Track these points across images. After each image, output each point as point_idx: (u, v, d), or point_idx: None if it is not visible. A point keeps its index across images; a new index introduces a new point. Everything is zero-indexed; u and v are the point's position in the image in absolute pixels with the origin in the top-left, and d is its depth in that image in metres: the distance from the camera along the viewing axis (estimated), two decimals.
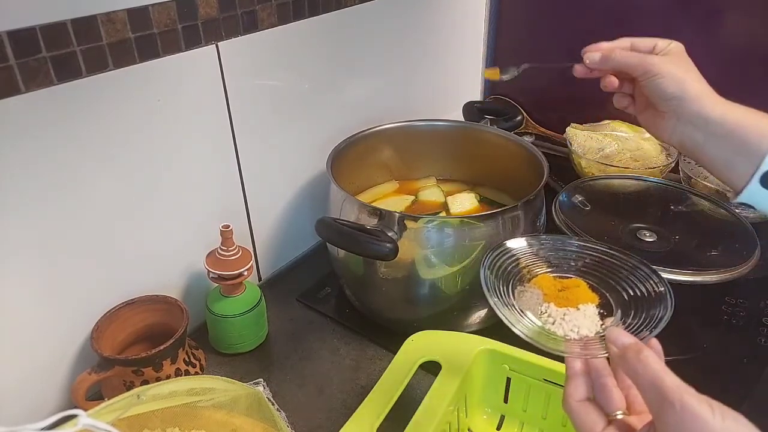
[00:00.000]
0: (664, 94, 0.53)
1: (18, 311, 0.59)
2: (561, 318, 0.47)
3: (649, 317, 0.46)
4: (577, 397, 0.39)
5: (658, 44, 0.56)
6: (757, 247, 0.72)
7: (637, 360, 0.36)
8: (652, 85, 0.53)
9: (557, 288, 0.51)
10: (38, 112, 0.54)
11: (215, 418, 0.53)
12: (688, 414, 0.32)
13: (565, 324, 0.47)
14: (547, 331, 0.46)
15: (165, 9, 0.61)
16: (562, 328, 0.46)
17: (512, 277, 0.52)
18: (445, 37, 1.11)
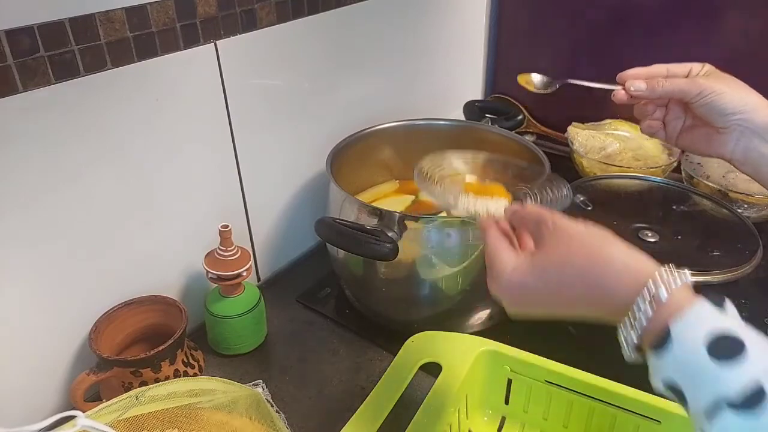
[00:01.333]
0: (725, 110, 0.51)
1: (17, 312, 0.59)
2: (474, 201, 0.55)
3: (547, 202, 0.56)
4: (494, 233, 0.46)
5: (693, 68, 0.55)
6: (760, 247, 0.72)
7: (522, 209, 0.46)
8: (710, 104, 0.52)
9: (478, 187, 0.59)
10: (36, 112, 0.54)
11: (214, 419, 0.53)
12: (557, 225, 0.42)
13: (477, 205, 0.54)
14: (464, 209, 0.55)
15: (163, 8, 0.61)
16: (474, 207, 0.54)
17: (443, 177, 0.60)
18: (445, 35, 1.10)
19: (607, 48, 1.10)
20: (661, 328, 0.34)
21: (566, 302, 0.40)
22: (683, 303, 0.35)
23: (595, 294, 0.38)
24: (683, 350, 0.33)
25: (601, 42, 1.11)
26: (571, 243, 0.40)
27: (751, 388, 0.30)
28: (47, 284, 0.60)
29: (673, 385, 0.34)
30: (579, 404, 0.57)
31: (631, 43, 1.08)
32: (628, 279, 0.37)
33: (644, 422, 0.54)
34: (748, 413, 0.30)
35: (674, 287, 0.35)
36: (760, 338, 0.33)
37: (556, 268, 0.40)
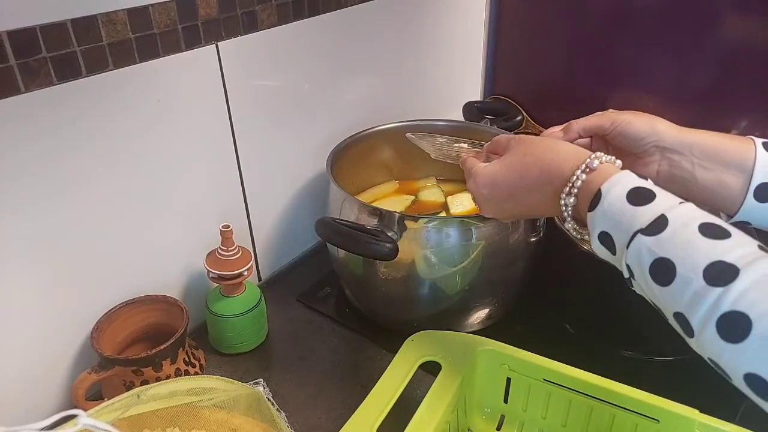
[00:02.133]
0: (638, 135, 0.55)
1: (18, 311, 0.59)
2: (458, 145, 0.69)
3: None
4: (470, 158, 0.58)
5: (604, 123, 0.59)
6: None
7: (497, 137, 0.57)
8: (624, 133, 0.55)
9: None
10: (38, 113, 0.54)
11: (215, 418, 0.53)
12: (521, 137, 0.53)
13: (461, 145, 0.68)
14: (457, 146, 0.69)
15: (165, 9, 0.61)
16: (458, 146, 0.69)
17: None
18: (445, 36, 1.11)
19: (607, 50, 1.10)
20: (594, 189, 0.43)
21: (526, 186, 0.50)
22: (612, 171, 0.44)
23: (547, 174, 0.48)
24: (609, 203, 0.42)
25: (600, 44, 1.12)
26: (530, 142, 0.51)
27: (656, 216, 0.39)
28: (49, 284, 0.61)
29: (604, 235, 0.42)
30: (578, 403, 0.57)
31: (630, 44, 1.09)
32: (573, 158, 0.46)
33: (643, 421, 0.54)
34: (654, 234, 0.39)
35: (605, 160, 0.45)
36: (668, 192, 0.41)
37: (518, 159, 0.51)
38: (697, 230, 0.37)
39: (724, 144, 0.52)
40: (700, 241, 0.37)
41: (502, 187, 0.51)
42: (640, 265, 0.39)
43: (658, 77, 1.06)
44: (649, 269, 0.39)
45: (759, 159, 0.50)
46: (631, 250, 0.40)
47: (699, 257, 0.36)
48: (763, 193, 0.50)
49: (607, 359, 0.62)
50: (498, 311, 0.76)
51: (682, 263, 0.37)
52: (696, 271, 0.36)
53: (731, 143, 0.52)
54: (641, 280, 0.40)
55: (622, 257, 0.41)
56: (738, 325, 0.34)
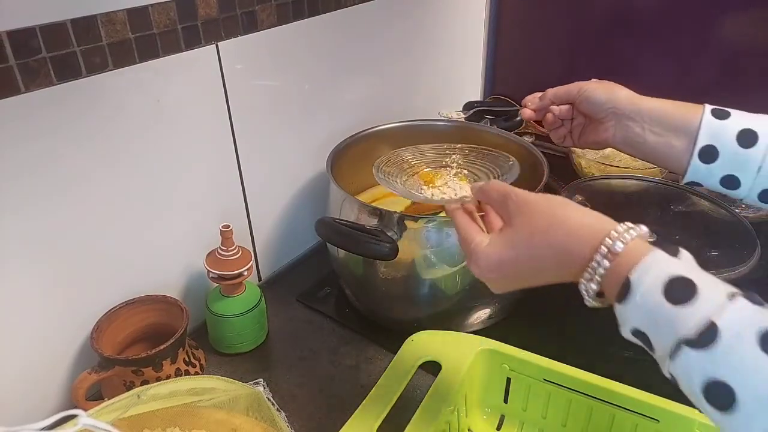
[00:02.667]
0: (599, 101, 0.60)
1: (18, 311, 0.59)
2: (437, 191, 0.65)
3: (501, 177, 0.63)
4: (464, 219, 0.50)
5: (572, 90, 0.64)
6: (757, 247, 0.72)
7: (487, 185, 0.49)
8: (587, 98, 0.61)
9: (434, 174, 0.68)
10: (38, 113, 0.54)
11: (215, 417, 0.53)
12: (521, 199, 0.45)
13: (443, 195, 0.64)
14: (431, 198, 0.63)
15: (165, 9, 0.61)
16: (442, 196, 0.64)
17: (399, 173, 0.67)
18: (445, 36, 1.11)
19: (607, 49, 1.10)
20: (621, 279, 0.37)
21: (539, 268, 0.43)
22: (639, 253, 0.37)
23: (561, 255, 0.41)
24: (643, 297, 0.36)
25: (600, 43, 1.12)
26: (534, 212, 0.43)
27: (704, 325, 0.33)
28: (49, 284, 0.61)
29: (638, 331, 0.37)
30: (578, 403, 0.57)
31: (629, 43, 1.09)
32: (587, 236, 0.40)
33: (642, 421, 0.54)
34: (703, 348, 0.33)
35: (629, 239, 0.38)
36: (711, 279, 0.35)
37: (525, 238, 0.43)
38: (756, 344, 0.31)
39: (673, 110, 0.56)
40: (763, 360, 0.31)
41: (510, 269, 0.45)
42: (690, 383, 0.34)
43: (657, 77, 1.06)
44: (703, 391, 0.33)
45: (704, 123, 0.54)
46: (677, 364, 0.34)
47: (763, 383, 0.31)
48: (707, 155, 0.54)
49: (607, 359, 0.61)
50: (498, 311, 0.76)
51: (744, 390, 0.31)
52: (763, 402, 0.31)
53: (680, 110, 0.56)
54: (690, 395, 0.34)
55: (664, 364, 0.35)
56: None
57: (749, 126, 0.53)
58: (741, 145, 0.53)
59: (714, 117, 0.54)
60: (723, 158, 0.54)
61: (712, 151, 0.54)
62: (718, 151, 0.54)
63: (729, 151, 0.54)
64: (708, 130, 0.54)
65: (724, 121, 0.54)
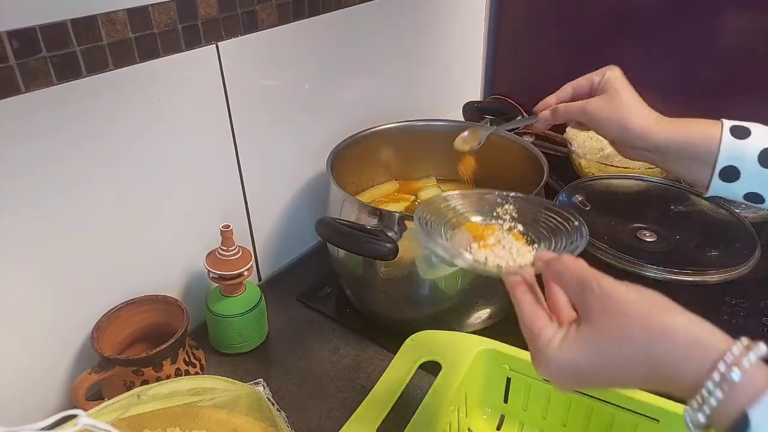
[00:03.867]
0: (609, 136, 0.59)
1: (18, 311, 0.59)
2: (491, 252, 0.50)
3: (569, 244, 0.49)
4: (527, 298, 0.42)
5: (594, 80, 0.60)
6: (757, 246, 0.72)
7: (558, 262, 0.41)
8: (597, 129, 0.59)
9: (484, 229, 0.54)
10: (38, 113, 0.54)
11: (215, 418, 0.53)
12: (605, 292, 0.37)
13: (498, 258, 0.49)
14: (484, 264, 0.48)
15: (165, 9, 0.61)
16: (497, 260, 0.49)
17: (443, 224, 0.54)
18: (445, 37, 1.11)
19: (606, 49, 1.10)
20: (736, 413, 0.32)
21: (625, 379, 0.37)
22: (760, 385, 0.32)
23: (658, 372, 0.35)
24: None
25: (599, 43, 1.12)
26: (626, 315, 0.36)
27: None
28: (49, 284, 0.61)
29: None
30: (578, 403, 0.57)
31: (629, 43, 1.09)
32: (695, 356, 0.34)
33: (643, 421, 0.54)
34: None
35: (748, 367, 0.32)
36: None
37: (612, 346, 0.36)
38: None
39: (690, 138, 0.55)
40: None
41: (589, 378, 0.38)
42: None
43: (657, 77, 1.06)
44: None
45: (723, 146, 0.53)
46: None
47: None
48: (728, 175, 0.54)
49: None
50: (498, 311, 0.76)
51: None
52: None
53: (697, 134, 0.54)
54: None
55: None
56: None
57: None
58: (763, 165, 0.52)
59: (733, 137, 0.53)
60: (744, 177, 0.53)
61: (733, 172, 0.53)
62: (739, 171, 0.53)
63: (751, 171, 0.52)
64: (728, 152, 0.53)
65: (744, 140, 0.52)
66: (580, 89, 0.62)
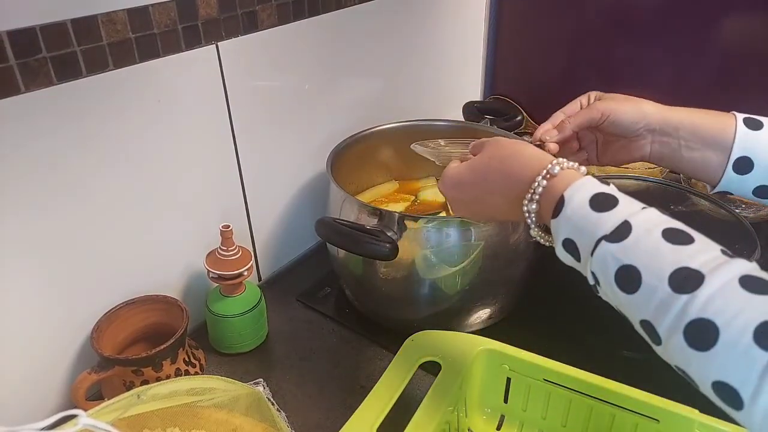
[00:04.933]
0: (629, 122, 0.58)
1: (18, 311, 0.59)
2: None
3: None
4: None
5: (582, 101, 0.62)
6: (757, 247, 0.72)
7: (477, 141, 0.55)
8: (615, 122, 0.58)
9: None
10: (38, 113, 0.54)
11: (215, 417, 0.53)
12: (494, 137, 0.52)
13: None
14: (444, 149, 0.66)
15: (165, 9, 0.61)
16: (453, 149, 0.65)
17: None
18: (445, 37, 1.11)
19: (607, 49, 1.10)
20: (556, 196, 0.43)
21: (490, 190, 0.49)
22: (574, 177, 0.43)
23: (509, 179, 0.47)
24: (572, 209, 0.42)
25: (600, 43, 1.12)
26: (498, 145, 0.50)
27: (620, 223, 0.39)
28: (49, 284, 0.61)
29: (568, 242, 0.42)
30: (578, 403, 0.57)
31: (630, 43, 1.09)
32: (534, 163, 0.46)
33: (642, 421, 0.54)
34: (618, 241, 0.38)
35: (566, 166, 0.44)
36: (630, 197, 0.42)
37: (483, 162, 0.50)
38: (660, 236, 0.37)
39: (704, 122, 0.56)
40: (665, 247, 0.37)
41: (467, 189, 0.52)
42: (605, 273, 0.39)
43: (658, 76, 1.06)
44: (615, 277, 0.38)
45: (738, 135, 0.54)
46: (596, 258, 0.39)
47: (664, 264, 0.36)
48: (741, 166, 0.54)
49: (607, 359, 0.61)
50: (498, 311, 0.76)
51: (647, 270, 0.37)
52: (661, 278, 0.36)
53: (713, 123, 0.55)
54: (607, 288, 0.40)
55: (587, 264, 0.41)
56: (705, 332, 0.33)
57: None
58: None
59: (747, 127, 0.54)
60: (758, 169, 0.53)
61: (747, 163, 0.54)
62: (753, 163, 0.53)
63: (765, 163, 0.53)
64: (742, 142, 0.53)
65: (758, 132, 0.53)
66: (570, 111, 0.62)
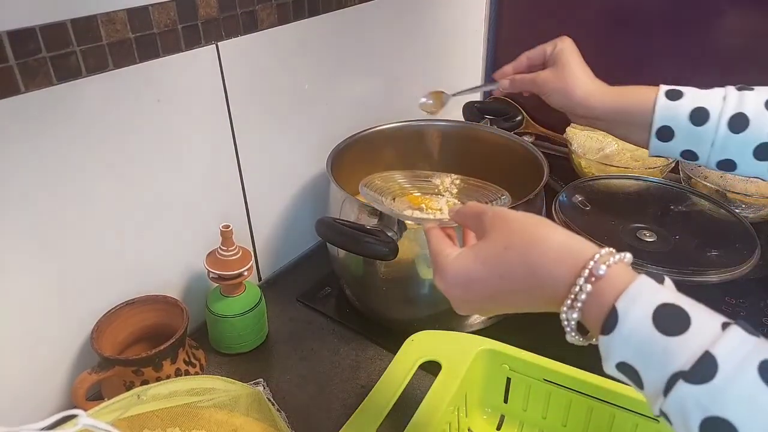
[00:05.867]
0: (556, 106, 0.65)
1: (18, 312, 0.59)
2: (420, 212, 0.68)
3: None
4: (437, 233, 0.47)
5: (546, 51, 0.66)
6: (757, 247, 0.72)
7: (463, 206, 0.47)
8: (547, 100, 0.65)
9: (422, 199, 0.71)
10: (38, 112, 0.54)
11: (215, 418, 0.53)
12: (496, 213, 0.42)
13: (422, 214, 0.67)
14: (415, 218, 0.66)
15: (165, 9, 0.61)
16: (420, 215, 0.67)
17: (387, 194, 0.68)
18: (445, 36, 1.11)
19: (607, 48, 1.10)
20: (606, 308, 0.34)
21: (510, 289, 0.40)
22: (625, 279, 0.35)
23: (536, 276, 0.38)
24: (631, 328, 0.33)
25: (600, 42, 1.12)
26: (510, 228, 0.40)
27: (700, 356, 0.30)
28: (48, 284, 0.61)
29: (626, 365, 0.34)
30: (578, 403, 0.57)
31: (630, 42, 1.09)
32: (568, 259, 0.37)
33: (643, 421, 0.54)
34: (701, 382, 0.30)
35: (612, 263, 0.35)
36: (702, 308, 0.33)
37: (498, 253, 0.40)
38: (758, 376, 0.29)
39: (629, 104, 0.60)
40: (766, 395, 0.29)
41: (478, 288, 0.41)
42: (685, 420, 0.31)
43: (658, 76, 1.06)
44: (700, 428, 0.30)
45: (658, 107, 0.58)
46: (672, 400, 0.31)
47: None
48: (664, 135, 0.58)
49: None
50: None
51: (748, 427, 0.29)
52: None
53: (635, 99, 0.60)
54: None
55: (656, 401, 0.32)
56: None
57: (701, 104, 0.56)
58: (694, 123, 0.57)
59: (668, 99, 0.58)
60: (678, 136, 0.58)
61: (668, 132, 0.58)
62: (673, 130, 0.58)
63: (683, 130, 0.57)
64: (662, 113, 0.58)
65: (677, 101, 0.57)
66: (534, 60, 0.68)
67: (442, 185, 0.76)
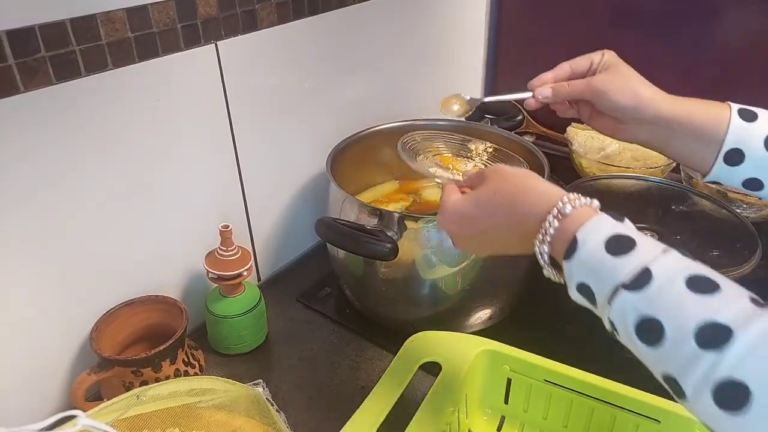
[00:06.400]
0: (620, 107, 0.57)
1: (17, 312, 0.59)
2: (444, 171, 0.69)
3: None
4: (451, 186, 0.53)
5: (594, 60, 0.61)
6: (759, 247, 0.72)
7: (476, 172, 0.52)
8: (607, 103, 0.57)
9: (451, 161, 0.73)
10: (37, 112, 0.54)
11: (215, 418, 0.53)
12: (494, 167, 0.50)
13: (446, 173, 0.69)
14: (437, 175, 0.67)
15: (164, 8, 0.61)
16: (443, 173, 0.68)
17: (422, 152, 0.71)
18: (445, 36, 1.11)
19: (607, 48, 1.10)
20: (569, 237, 0.40)
21: (496, 227, 0.47)
22: (586, 216, 0.41)
23: (517, 214, 0.45)
24: (587, 252, 0.39)
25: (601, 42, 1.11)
26: (503, 178, 0.48)
27: (639, 270, 0.36)
28: (48, 284, 0.60)
29: (583, 286, 0.40)
30: (578, 404, 0.57)
31: (631, 43, 1.09)
32: (544, 201, 0.43)
33: (644, 421, 0.54)
34: (638, 290, 0.36)
35: (579, 205, 0.42)
36: (649, 238, 0.39)
37: (488, 197, 0.47)
38: (684, 285, 0.35)
39: (699, 114, 0.54)
40: (689, 297, 0.34)
41: (470, 224, 0.49)
42: (625, 324, 0.37)
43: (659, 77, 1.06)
44: (635, 328, 0.36)
45: (731, 128, 0.53)
46: (615, 307, 0.37)
47: (689, 317, 0.34)
48: (732, 158, 0.53)
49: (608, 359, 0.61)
50: (498, 312, 0.76)
51: (671, 323, 0.34)
52: (686, 332, 0.33)
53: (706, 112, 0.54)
54: (626, 338, 0.37)
55: (604, 312, 0.38)
56: (737, 395, 0.31)
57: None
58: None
59: (741, 119, 0.53)
60: (748, 161, 0.53)
61: (737, 155, 0.53)
62: (744, 155, 0.53)
63: (756, 156, 0.52)
64: (735, 135, 0.52)
65: (751, 123, 0.52)
66: (578, 68, 0.62)
67: (476, 151, 0.77)
